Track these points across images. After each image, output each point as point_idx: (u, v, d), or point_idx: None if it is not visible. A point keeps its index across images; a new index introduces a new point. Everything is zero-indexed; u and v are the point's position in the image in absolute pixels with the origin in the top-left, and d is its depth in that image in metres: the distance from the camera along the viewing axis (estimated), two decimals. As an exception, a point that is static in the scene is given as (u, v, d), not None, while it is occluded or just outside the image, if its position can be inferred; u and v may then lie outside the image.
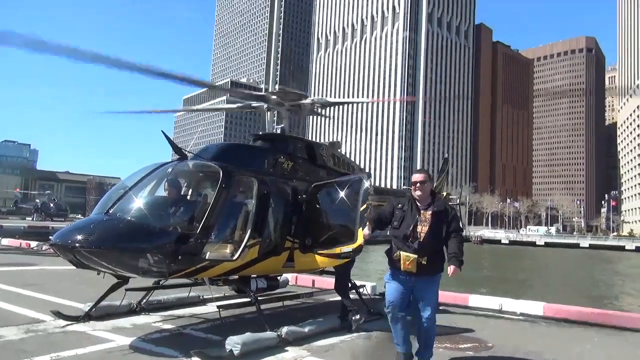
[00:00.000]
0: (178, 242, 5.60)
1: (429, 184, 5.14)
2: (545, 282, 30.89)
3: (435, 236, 4.97)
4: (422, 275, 4.95)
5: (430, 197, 5.14)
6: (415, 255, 4.86)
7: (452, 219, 5.08)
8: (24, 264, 12.92)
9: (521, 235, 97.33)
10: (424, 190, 5.09)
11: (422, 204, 5.10)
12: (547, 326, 7.94)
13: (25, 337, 5.85)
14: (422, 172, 5.28)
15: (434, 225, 4.96)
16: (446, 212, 5.09)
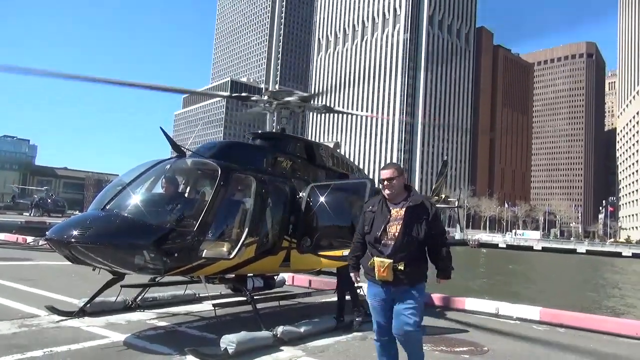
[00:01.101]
0: (174, 239, 5.57)
1: (399, 179, 4.48)
2: (541, 287, 30.92)
3: (411, 236, 4.27)
4: (401, 284, 4.25)
5: (404, 193, 4.49)
6: (390, 260, 4.20)
7: (434, 218, 4.38)
8: (19, 259, 12.87)
9: (512, 238, 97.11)
10: (394, 188, 4.44)
11: (394, 201, 4.45)
12: (544, 331, 7.92)
13: (19, 331, 5.82)
14: (390, 166, 4.53)
15: (409, 223, 4.28)
16: (423, 208, 4.38)
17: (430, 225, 4.34)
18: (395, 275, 4.23)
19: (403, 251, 4.23)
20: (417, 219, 4.32)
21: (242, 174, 6.48)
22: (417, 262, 4.33)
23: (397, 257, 4.23)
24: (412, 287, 4.29)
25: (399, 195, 4.46)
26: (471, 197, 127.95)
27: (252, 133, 8.44)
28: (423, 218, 4.33)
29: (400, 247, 4.24)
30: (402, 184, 4.50)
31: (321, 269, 8.36)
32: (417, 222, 4.31)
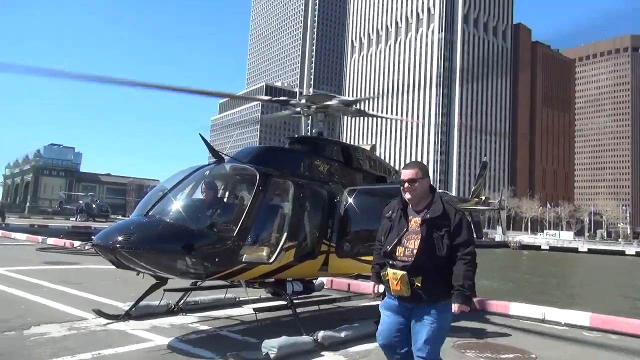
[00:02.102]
0: (215, 244, 5.63)
1: (423, 181, 3.88)
2: (589, 291, 29.73)
3: (430, 251, 3.72)
4: (420, 301, 3.74)
5: (428, 197, 3.91)
6: (404, 272, 3.70)
7: (457, 227, 3.77)
8: (67, 263, 13.34)
9: (546, 239, 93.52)
10: (416, 191, 3.86)
11: (416, 208, 3.91)
12: (595, 338, 7.57)
13: (68, 334, 6.00)
14: (412, 165, 3.97)
15: (427, 238, 3.74)
16: (444, 217, 3.78)
17: (452, 236, 3.76)
18: (412, 290, 3.71)
19: (420, 267, 3.72)
20: (437, 232, 3.76)
21: (280, 178, 6.50)
22: (439, 277, 3.74)
23: (413, 272, 3.71)
24: (433, 305, 3.74)
25: (422, 201, 3.89)
26: (511, 198, 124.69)
27: (289, 137, 8.45)
28: (445, 230, 3.75)
29: (416, 263, 3.73)
30: (426, 187, 3.92)
31: (360, 273, 8.29)
32: (436, 235, 3.75)
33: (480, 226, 16.16)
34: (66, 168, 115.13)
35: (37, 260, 13.42)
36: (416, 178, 3.87)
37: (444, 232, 3.74)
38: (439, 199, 3.91)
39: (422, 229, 3.78)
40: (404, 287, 3.71)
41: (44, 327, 6.23)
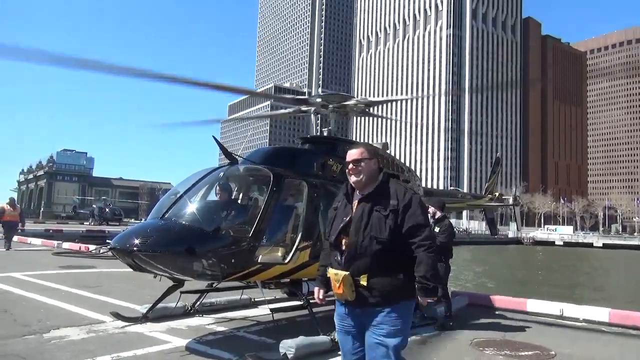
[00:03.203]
0: (231, 246, 5.65)
1: (369, 162, 3.32)
2: (606, 287, 29.37)
3: (370, 238, 3.09)
4: (367, 304, 3.10)
5: (377, 181, 3.31)
6: (345, 273, 3.10)
7: (407, 207, 3.14)
8: (83, 267, 13.47)
9: (540, 233, 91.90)
10: (362, 173, 3.29)
11: (363, 192, 3.31)
12: (614, 334, 7.47)
13: (87, 337, 6.06)
14: (357, 145, 3.47)
15: (369, 221, 3.13)
16: (389, 195, 3.20)
17: (398, 220, 3.12)
18: (357, 292, 3.11)
19: (362, 259, 3.09)
20: (380, 212, 3.15)
21: (294, 179, 6.50)
22: (389, 273, 3.11)
23: (355, 268, 3.11)
24: (384, 309, 3.09)
25: (369, 185, 3.30)
26: (524, 194, 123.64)
27: (302, 137, 8.46)
28: (388, 210, 3.14)
29: (356, 255, 3.11)
30: (373, 169, 3.34)
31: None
32: (381, 216, 3.13)
33: (494, 223, 16.05)
34: (79, 173, 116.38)
35: (54, 265, 13.57)
36: (361, 158, 3.32)
37: (388, 212, 3.12)
38: (389, 178, 3.34)
39: (359, 209, 3.21)
40: (347, 289, 3.10)
41: (63, 330, 6.29)
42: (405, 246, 3.13)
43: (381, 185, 3.29)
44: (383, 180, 3.32)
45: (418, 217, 3.16)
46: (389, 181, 3.32)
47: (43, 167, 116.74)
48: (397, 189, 3.25)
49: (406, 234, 3.12)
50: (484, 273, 32.85)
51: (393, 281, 3.11)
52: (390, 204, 3.15)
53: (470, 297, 9.56)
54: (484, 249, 58.24)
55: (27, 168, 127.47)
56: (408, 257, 3.13)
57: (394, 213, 3.13)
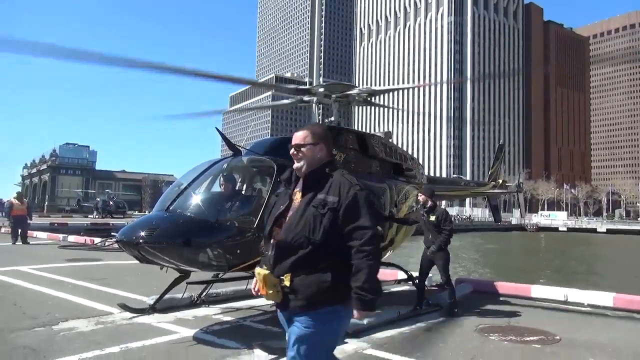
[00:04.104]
0: (236, 237, 5.69)
1: (313, 148, 2.89)
2: (611, 272, 29.41)
3: (304, 238, 2.69)
4: (291, 308, 2.73)
5: (320, 172, 2.88)
6: (266, 272, 2.74)
7: (350, 206, 2.71)
8: (89, 259, 13.56)
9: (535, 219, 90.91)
10: (303, 159, 2.89)
11: (304, 182, 2.93)
12: (619, 318, 7.51)
13: (96, 328, 6.12)
14: (303, 128, 3.00)
15: (303, 217, 2.74)
16: (329, 191, 2.76)
17: (339, 220, 2.69)
18: (284, 294, 2.72)
19: (288, 258, 2.72)
20: (318, 209, 2.72)
21: (298, 169, 6.51)
22: (315, 273, 2.69)
23: (280, 266, 2.74)
24: (309, 314, 2.69)
25: (314, 172, 2.90)
26: (527, 180, 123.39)
27: (305, 128, 8.45)
28: (327, 208, 2.71)
29: (283, 254, 2.74)
30: (318, 156, 2.90)
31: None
32: (317, 214, 2.71)
33: (498, 210, 16.06)
34: (82, 167, 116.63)
35: (60, 258, 13.66)
36: (304, 143, 2.90)
37: (326, 210, 2.70)
38: (336, 173, 2.87)
39: (297, 201, 2.85)
40: (270, 289, 2.72)
41: (72, 322, 6.36)
42: (342, 247, 2.70)
43: (324, 176, 2.83)
44: (328, 171, 2.86)
45: (361, 218, 2.69)
46: (334, 173, 2.86)
47: (46, 161, 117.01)
48: (342, 184, 2.77)
49: (346, 236, 2.68)
50: (487, 259, 32.94)
51: (320, 283, 2.67)
52: (329, 201, 2.71)
53: (474, 284, 9.61)
54: (487, 236, 58.29)
55: (30, 162, 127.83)
56: (342, 258, 2.70)
57: (333, 212, 2.69)
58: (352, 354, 5.32)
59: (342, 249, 2.70)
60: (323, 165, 2.89)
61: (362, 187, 2.80)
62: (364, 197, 2.76)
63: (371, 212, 2.75)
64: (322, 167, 2.88)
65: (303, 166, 2.89)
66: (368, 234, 2.67)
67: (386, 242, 7.86)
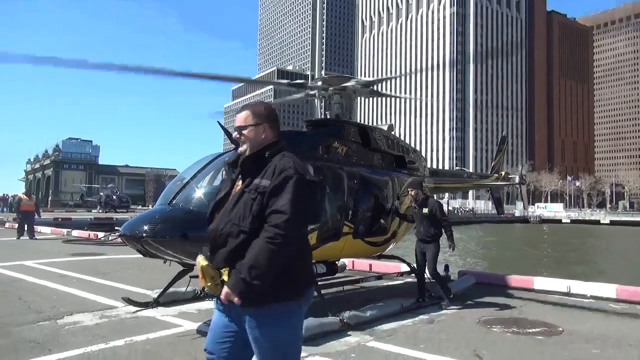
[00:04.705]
0: None
1: (256, 129, 2.64)
2: (614, 263, 29.39)
3: (235, 226, 2.47)
4: (233, 305, 2.42)
5: (261, 154, 2.61)
6: (205, 263, 2.50)
7: (276, 189, 2.43)
8: (93, 254, 13.63)
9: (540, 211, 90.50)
10: (246, 142, 2.65)
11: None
12: (622, 310, 7.51)
13: (100, 322, 6.17)
14: (243, 108, 2.71)
15: (237, 203, 2.52)
16: (265, 174, 2.51)
17: (266, 200, 2.44)
18: (224, 288, 2.43)
19: (223, 249, 2.48)
20: (248, 194, 2.50)
21: (300, 162, 6.51)
22: None
23: (217, 258, 2.50)
24: (257, 312, 2.43)
25: (258, 155, 2.65)
26: (530, 172, 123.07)
27: (307, 121, 8.43)
28: (257, 192, 2.47)
29: (216, 244, 2.52)
30: (262, 139, 2.65)
31: (382, 254, 8.36)
32: (245, 201, 2.50)
33: (500, 202, 16.04)
34: (85, 161, 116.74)
35: (64, 252, 13.75)
36: (245, 125, 2.65)
37: (256, 195, 2.47)
38: (277, 157, 2.58)
39: (238, 187, 2.62)
40: (209, 281, 2.47)
41: (77, 316, 6.41)
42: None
43: (262, 160, 2.58)
44: (268, 154, 2.59)
45: (282, 201, 2.39)
46: (275, 156, 2.58)
47: (49, 156, 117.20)
48: (277, 167, 2.49)
49: (266, 220, 2.40)
50: (490, 252, 32.95)
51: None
52: (261, 185, 2.47)
53: (477, 276, 9.61)
54: (490, 228, 58.26)
55: (33, 158, 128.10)
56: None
57: (262, 196, 2.45)
58: (354, 346, 5.35)
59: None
60: (263, 149, 2.62)
61: (299, 172, 2.47)
62: (294, 181, 2.44)
63: (296, 198, 2.40)
64: (262, 151, 2.61)
65: (246, 150, 2.65)
66: (283, 217, 2.35)
67: (388, 235, 7.87)
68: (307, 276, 2.59)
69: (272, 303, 2.42)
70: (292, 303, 2.48)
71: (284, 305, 2.45)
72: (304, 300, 2.53)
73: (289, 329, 2.50)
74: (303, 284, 2.54)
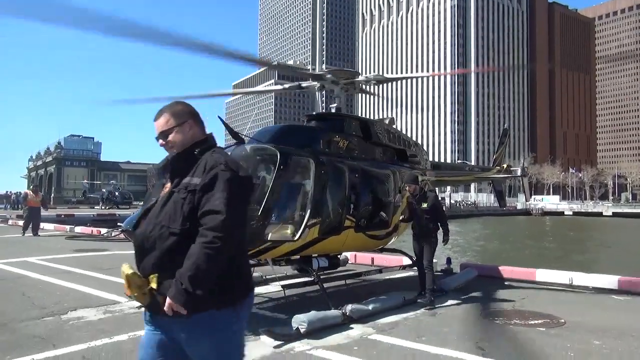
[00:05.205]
0: None
1: (181, 129, 2.48)
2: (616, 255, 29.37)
3: (165, 228, 2.30)
4: (165, 315, 2.21)
5: (189, 152, 2.47)
6: (130, 271, 2.29)
7: (208, 186, 2.28)
8: (96, 250, 13.68)
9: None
10: (175, 146, 2.49)
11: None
12: (624, 301, 7.52)
13: (104, 317, 6.20)
14: (161, 112, 2.52)
15: (166, 205, 2.36)
16: (195, 172, 2.36)
17: (198, 198, 2.28)
18: (152, 296, 2.27)
19: (151, 254, 2.31)
20: (178, 194, 2.35)
21: (301, 156, 6.52)
22: None
23: (144, 265, 2.33)
24: (189, 323, 2.24)
25: (182, 156, 2.51)
26: (532, 165, 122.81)
27: (307, 115, 8.44)
28: (187, 191, 2.32)
29: (143, 248, 2.35)
30: (189, 137, 2.50)
31: (384, 247, 8.38)
32: (175, 201, 2.34)
33: (502, 195, 16.03)
34: (87, 158, 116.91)
35: (68, 249, 13.79)
36: (168, 128, 2.48)
37: (186, 194, 2.31)
38: (207, 154, 2.44)
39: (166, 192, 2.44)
40: (135, 291, 2.28)
41: (80, 311, 6.44)
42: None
43: (191, 158, 2.44)
44: (197, 152, 2.46)
45: (216, 200, 2.23)
46: (205, 152, 2.45)
47: (51, 153, 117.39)
48: (208, 163, 2.36)
49: (199, 221, 2.24)
50: (491, 244, 32.96)
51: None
52: (192, 184, 2.32)
53: (479, 269, 9.63)
54: (492, 221, 58.24)
55: (35, 155, 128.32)
56: None
57: (193, 194, 2.30)
58: (357, 339, 5.37)
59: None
60: (191, 146, 2.48)
61: (230, 167, 2.33)
62: (227, 177, 2.29)
63: (231, 196, 2.26)
64: (190, 148, 2.47)
65: (172, 148, 2.51)
66: (218, 218, 2.19)
67: (390, 229, 7.88)
68: (243, 282, 2.38)
69: (201, 312, 2.22)
70: (228, 311, 2.29)
71: (214, 313, 2.26)
72: (241, 307, 2.35)
73: (225, 338, 2.33)
74: (239, 290, 2.34)
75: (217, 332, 2.29)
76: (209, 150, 2.48)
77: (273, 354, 4.83)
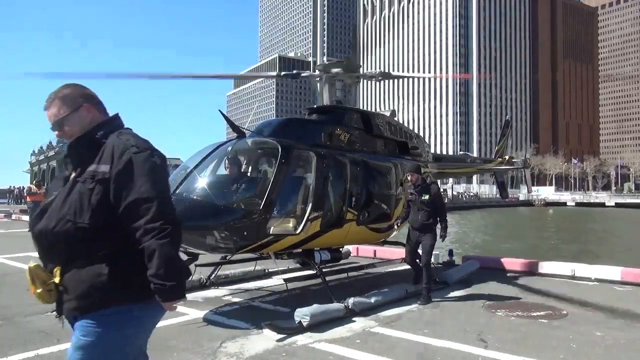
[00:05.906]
0: (243, 219, 5.73)
1: (75, 116, 2.26)
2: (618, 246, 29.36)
3: (69, 223, 2.10)
4: (67, 311, 2.20)
5: (90, 136, 2.25)
6: (33, 264, 2.18)
7: (123, 174, 2.10)
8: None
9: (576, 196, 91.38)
10: (68, 134, 2.29)
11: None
12: (626, 292, 7.52)
13: (108, 312, 6.21)
14: (51, 101, 2.28)
15: (69, 196, 2.15)
16: (101, 159, 2.15)
17: (111, 195, 2.10)
18: (58, 293, 2.17)
19: (55, 248, 2.15)
20: (83, 185, 2.14)
21: (302, 150, 6.51)
22: (90, 265, 2.10)
23: (47, 260, 2.20)
24: (86, 317, 2.12)
25: (80, 141, 2.28)
26: (535, 156, 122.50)
27: (308, 108, 8.42)
28: (95, 180, 2.12)
29: (46, 243, 2.17)
30: (90, 118, 2.29)
31: (386, 240, 8.38)
32: (80, 192, 2.13)
33: (504, 186, 16.00)
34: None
35: (71, 243, 13.82)
36: (61, 117, 2.25)
37: (94, 184, 2.11)
38: (112, 136, 2.21)
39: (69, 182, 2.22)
40: (39, 287, 2.15)
41: (84, 306, 6.45)
42: (126, 228, 2.09)
43: (93, 143, 2.20)
44: (99, 135, 2.22)
45: (141, 187, 2.07)
46: (110, 135, 2.22)
47: (53, 147, 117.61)
48: (116, 147, 2.14)
49: (124, 215, 2.08)
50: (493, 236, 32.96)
51: (94, 277, 2.08)
52: (99, 172, 2.12)
53: (481, 261, 9.64)
54: (494, 212, 58.23)
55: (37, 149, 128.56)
56: (125, 243, 2.11)
57: (103, 184, 2.10)
58: (360, 332, 5.39)
59: (128, 232, 2.09)
60: (94, 129, 2.25)
61: (143, 148, 2.16)
62: (142, 159, 2.13)
63: (154, 178, 2.13)
64: (91, 132, 2.24)
65: (66, 133, 2.30)
66: (153, 206, 2.05)
67: (392, 221, 7.87)
68: (142, 272, 2.09)
69: (106, 307, 2.09)
70: (130, 306, 2.13)
71: (120, 308, 2.11)
72: (146, 301, 2.13)
73: (123, 337, 2.16)
74: (142, 281, 2.08)
75: (122, 328, 2.14)
76: (114, 132, 2.24)
77: (276, 347, 4.85)
